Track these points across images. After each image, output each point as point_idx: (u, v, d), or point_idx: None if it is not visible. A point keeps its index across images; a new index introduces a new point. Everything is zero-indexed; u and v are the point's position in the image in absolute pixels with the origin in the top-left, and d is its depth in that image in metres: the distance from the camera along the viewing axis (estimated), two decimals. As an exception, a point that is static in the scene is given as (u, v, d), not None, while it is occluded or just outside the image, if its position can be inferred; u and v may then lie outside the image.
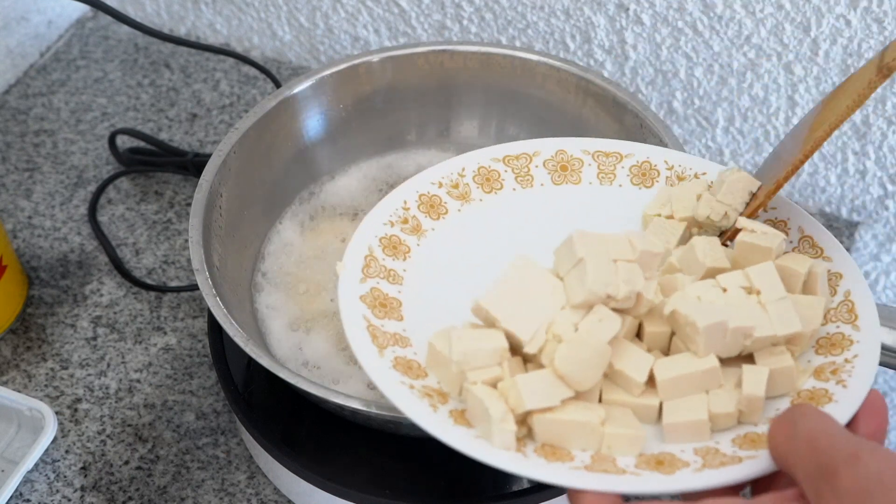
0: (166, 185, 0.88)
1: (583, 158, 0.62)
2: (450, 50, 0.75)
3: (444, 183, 0.60)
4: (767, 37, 0.79)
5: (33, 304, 0.80)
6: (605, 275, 0.48)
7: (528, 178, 0.61)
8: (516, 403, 0.47)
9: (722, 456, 0.46)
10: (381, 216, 0.57)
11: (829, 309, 0.53)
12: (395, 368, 0.50)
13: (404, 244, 0.57)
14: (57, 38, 1.01)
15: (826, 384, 0.49)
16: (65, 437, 0.72)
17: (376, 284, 0.54)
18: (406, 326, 0.53)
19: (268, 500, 0.69)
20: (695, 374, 0.48)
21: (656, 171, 0.61)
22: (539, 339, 0.48)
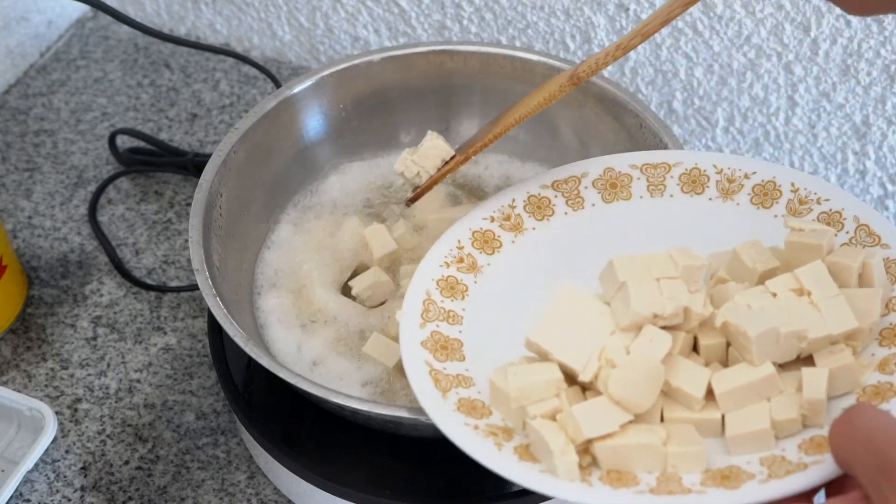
0: (166, 185, 0.88)
1: (631, 173, 0.61)
2: (450, 50, 0.74)
3: (495, 217, 0.60)
4: (767, 37, 0.79)
5: (33, 304, 0.80)
6: (648, 295, 0.49)
7: (579, 200, 0.61)
8: (575, 433, 0.47)
9: (788, 464, 0.46)
10: (436, 258, 0.58)
11: (891, 298, 0.52)
12: (459, 410, 0.50)
13: (462, 283, 0.57)
14: (57, 38, 1.01)
15: (891, 377, 0.48)
16: (65, 437, 0.72)
17: (436, 328, 0.55)
18: (468, 366, 0.54)
19: (268, 500, 0.69)
20: (753, 384, 0.48)
21: (706, 176, 0.61)
22: (592, 366, 0.49)
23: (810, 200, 0.58)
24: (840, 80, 0.79)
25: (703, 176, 0.60)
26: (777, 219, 0.58)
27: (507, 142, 0.77)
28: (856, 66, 0.78)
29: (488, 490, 0.63)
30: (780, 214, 0.58)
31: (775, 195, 0.59)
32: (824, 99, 0.81)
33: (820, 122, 0.83)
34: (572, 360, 0.49)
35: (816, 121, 0.83)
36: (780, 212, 0.58)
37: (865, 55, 0.77)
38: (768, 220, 0.58)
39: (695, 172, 0.61)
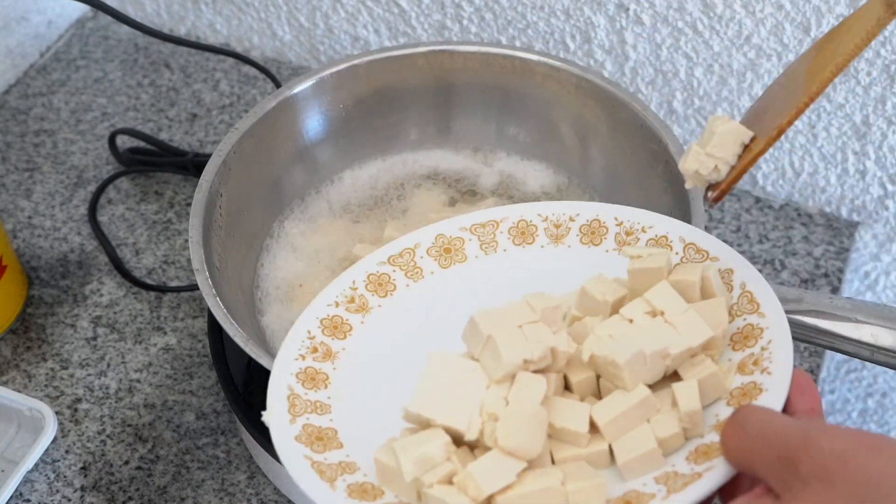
0: (166, 185, 0.88)
1: (462, 236, 0.62)
2: (450, 50, 0.74)
3: (340, 301, 0.60)
4: (767, 37, 0.79)
5: (33, 304, 0.80)
6: (515, 343, 0.50)
7: (417, 271, 0.62)
8: (476, 492, 0.47)
9: (682, 477, 0.47)
10: (291, 351, 0.57)
11: (732, 305, 0.54)
12: (352, 497, 0.50)
13: (321, 372, 0.57)
14: (57, 38, 1.01)
15: (752, 377, 0.50)
16: (65, 437, 0.72)
17: (307, 420, 0.54)
18: (348, 452, 0.53)
19: (268, 500, 0.69)
20: (632, 408, 0.49)
21: (533, 226, 0.62)
22: (476, 423, 0.49)
23: (636, 230, 0.59)
24: (840, 79, 0.79)
25: (531, 226, 0.62)
26: (608, 253, 0.60)
27: (507, 141, 0.77)
28: (856, 66, 0.78)
29: (488, 490, 0.63)
30: (611, 248, 0.60)
31: (602, 231, 0.60)
32: (824, 99, 0.81)
33: (820, 122, 0.83)
34: (455, 421, 0.49)
35: (816, 121, 0.83)
36: (611, 246, 0.60)
37: (865, 55, 0.77)
38: (601, 256, 0.60)
39: (522, 224, 0.62)
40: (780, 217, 0.86)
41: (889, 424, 1.01)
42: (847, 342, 0.58)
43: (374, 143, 0.77)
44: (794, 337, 0.58)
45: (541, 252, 0.61)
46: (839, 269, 0.83)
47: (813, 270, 0.82)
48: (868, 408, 1.00)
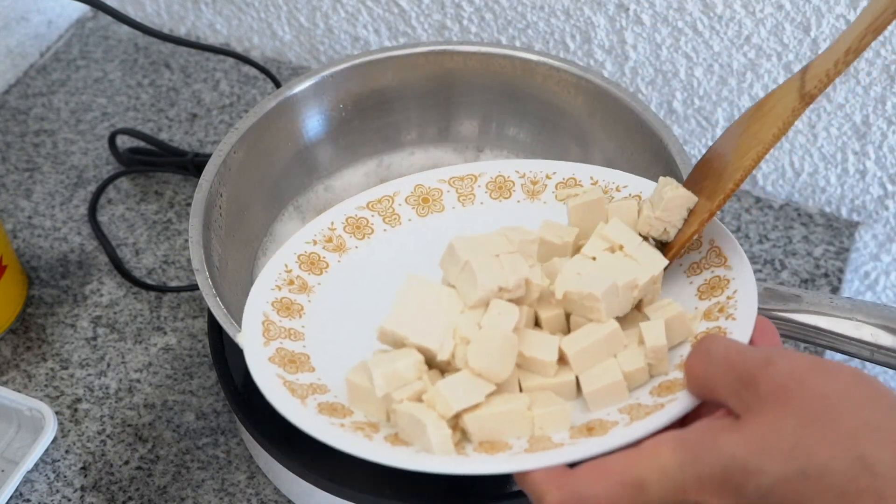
0: (166, 185, 0.88)
1: (440, 187, 0.64)
2: (450, 50, 0.74)
3: (318, 240, 0.62)
4: (767, 37, 0.79)
5: (33, 304, 0.80)
6: (492, 270, 0.51)
7: (395, 217, 0.64)
8: (444, 408, 0.49)
9: (645, 408, 0.49)
10: (267, 282, 0.59)
11: (701, 259, 0.57)
12: (322, 413, 0.52)
13: (296, 303, 0.59)
14: (57, 38, 1.01)
15: (717, 322, 0.53)
16: (65, 437, 0.72)
17: (280, 345, 0.56)
18: (320, 376, 0.55)
19: (268, 500, 0.69)
20: (600, 341, 0.51)
21: (511, 182, 0.64)
22: (448, 345, 0.51)
23: (611, 189, 0.61)
24: (840, 80, 0.79)
25: (509, 182, 0.63)
26: None
27: (506, 141, 0.77)
28: (856, 66, 0.78)
29: (488, 490, 0.63)
30: None
31: (578, 190, 0.62)
32: (824, 99, 0.81)
33: (820, 122, 0.83)
34: (428, 341, 0.51)
35: (816, 121, 0.83)
36: None
37: (865, 55, 0.77)
38: None
39: (500, 179, 0.64)
40: (780, 217, 0.86)
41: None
42: (847, 342, 0.58)
43: (373, 143, 0.77)
44: (794, 337, 0.59)
45: (517, 207, 0.63)
46: (839, 269, 0.83)
47: (813, 270, 0.82)
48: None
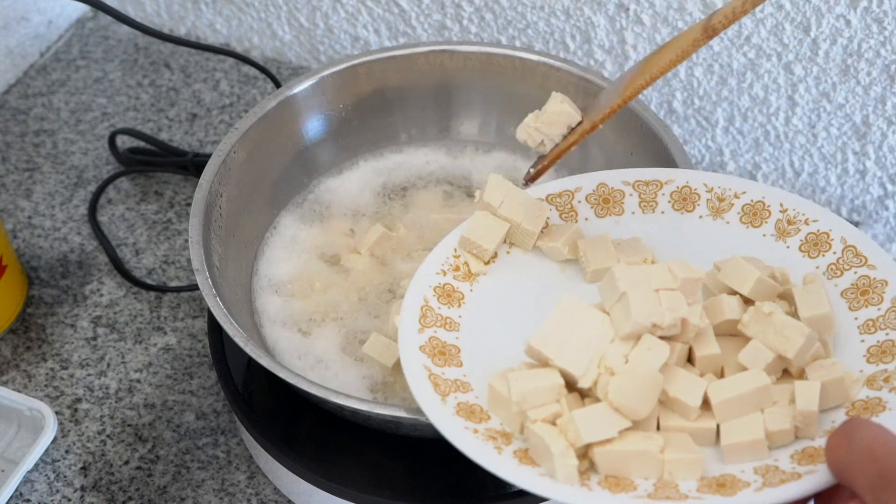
0: (166, 185, 0.88)
1: (623, 189, 0.62)
2: (450, 50, 0.74)
3: None
4: (767, 37, 0.79)
5: (33, 304, 0.80)
6: (648, 305, 0.50)
7: (572, 214, 0.62)
8: (575, 438, 0.48)
9: (781, 473, 0.47)
10: (433, 265, 0.59)
11: (878, 317, 0.54)
12: (458, 414, 0.51)
13: (458, 291, 0.58)
14: (57, 38, 1.01)
15: (879, 392, 0.50)
16: (65, 437, 0.72)
17: (434, 333, 0.56)
18: (466, 372, 0.55)
19: (268, 500, 0.69)
20: (749, 393, 0.49)
21: (696, 194, 0.62)
22: (592, 373, 0.50)
23: (798, 221, 0.59)
24: (840, 80, 0.79)
25: (694, 194, 0.62)
26: (766, 238, 0.60)
27: (506, 140, 0.77)
28: (856, 66, 0.78)
29: (488, 490, 0.63)
30: (770, 234, 0.60)
31: (764, 215, 0.60)
32: (824, 99, 0.81)
33: (820, 122, 0.83)
34: (572, 366, 0.50)
35: (816, 121, 0.83)
36: (770, 231, 0.60)
37: (865, 55, 0.77)
38: (758, 240, 0.60)
39: (686, 190, 0.62)
40: (780, 217, 0.86)
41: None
42: None
43: (373, 143, 0.77)
44: None
45: (698, 222, 0.61)
46: (839, 269, 0.83)
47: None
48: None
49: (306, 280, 0.70)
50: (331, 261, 0.71)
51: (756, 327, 0.52)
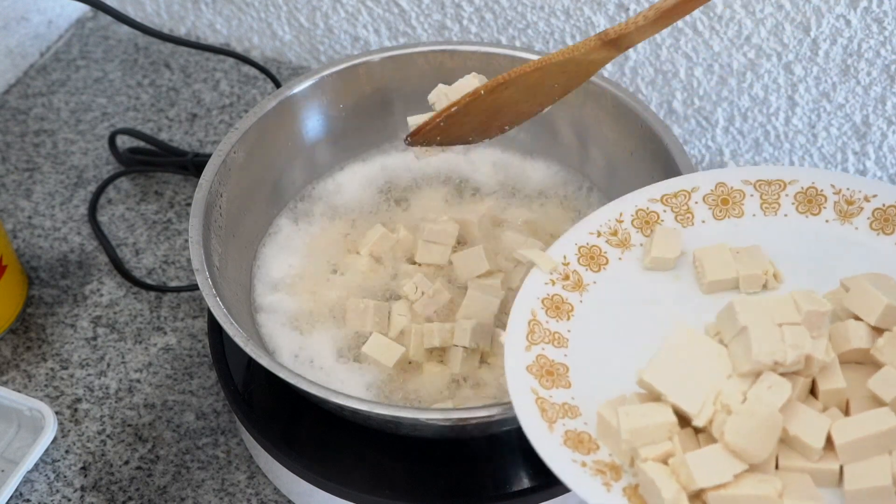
0: (166, 185, 0.88)
1: (744, 189, 0.59)
2: (450, 50, 0.74)
3: (602, 231, 0.57)
4: (767, 37, 0.79)
5: (33, 304, 0.80)
6: (770, 342, 0.47)
7: (689, 216, 0.58)
8: (688, 481, 0.46)
9: None
10: (542, 274, 0.55)
11: None
12: (566, 445, 0.49)
13: (567, 303, 0.55)
14: (57, 38, 1.01)
15: None
16: (65, 437, 0.72)
17: (542, 351, 0.53)
18: (574, 394, 0.52)
19: (268, 500, 0.69)
20: (876, 435, 0.47)
21: (823, 196, 0.58)
22: (707, 411, 0.47)
23: None
24: (840, 80, 0.79)
25: (821, 196, 0.57)
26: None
27: (505, 140, 0.77)
28: (856, 66, 0.78)
29: (488, 490, 0.63)
30: None
31: None
32: (824, 99, 0.81)
33: (820, 122, 0.83)
34: (686, 403, 0.48)
35: (816, 121, 0.83)
36: None
37: (865, 55, 0.77)
38: (890, 249, 0.56)
39: (811, 191, 0.58)
40: (780, 217, 0.86)
41: None
42: None
43: (373, 143, 0.77)
44: None
45: (824, 227, 0.57)
46: (839, 269, 0.83)
47: (813, 270, 0.82)
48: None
49: (306, 280, 0.70)
50: (331, 261, 0.71)
51: (892, 353, 0.48)
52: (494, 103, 0.59)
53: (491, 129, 0.62)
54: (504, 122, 0.61)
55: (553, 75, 0.57)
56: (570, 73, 0.57)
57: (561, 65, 0.55)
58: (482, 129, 0.61)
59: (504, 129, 0.62)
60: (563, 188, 0.75)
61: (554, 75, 0.57)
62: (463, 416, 0.58)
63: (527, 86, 0.58)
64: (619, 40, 0.54)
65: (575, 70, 0.57)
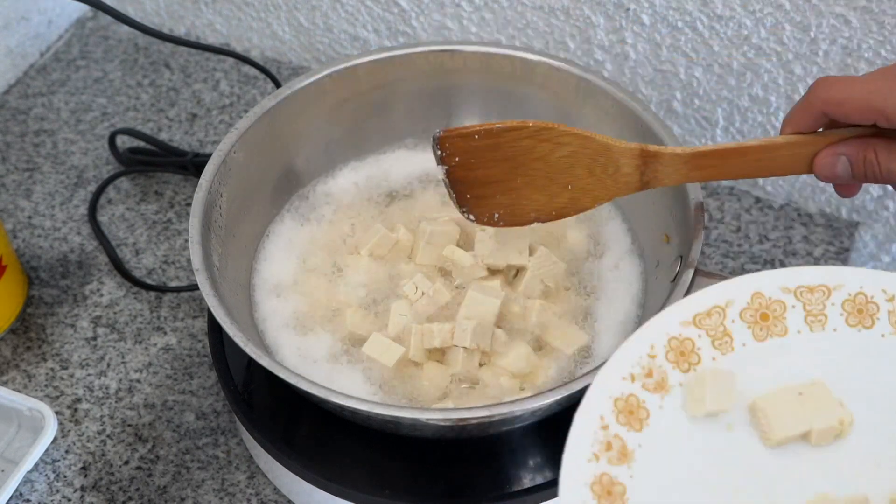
0: (166, 185, 0.88)
1: (784, 300, 0.51)
2: (450, 50, 0.74)
3: (635, 374, 0.49)
4: (767, 37, 0.79)
5: (33, 304, 0.80)
6: None
7: (727, 340, 0.50)
8: None
9: None
10: (581, 448, 0.46)
11: None
12: None
13: (618, 483, 0.46)
14: (57, 38, 1.01)
15: None
16: (65, 437, 0.72)
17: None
18: None
19: (268, 500, 0.69)
20: None
21: (874, 304, 0.50)
22: None
23: None
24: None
25: (871, 304, 0.50)
26: None
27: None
28: (856, 66, 0.78)
29: (488, 490, 0.63)
30: None
31: None
32: (824, 99, 0.81)
33: (820, 121, 0.83)
34: None
35: (816, 121, 0.83)
36: None
37: (865, 55, 0.77)
38: None
39: (860, 299, 0.50)
40: (780, 217, 0.86)
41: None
42: None
43: (373, 143, 0.77)
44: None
45: (878, 343, 0.50)
46: (839, 268, 0.83)
47: (813, 270, 0.82)
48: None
49: (306, 280, 0.70)
50: (331, 261, 0.71)
51: None
52: (512, 150, 0.58)
53: (517, 204, 0.61)
54: (525, 202, 0.60)
55: (580, 152, 0.58)
56: (597, 164, 0.58)
57: (591, 142, 0.56)
58: (506, 194, 0.60)
59: (530, 217, 0.61)
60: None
61: (580, 153, 0.58)
62: (463, 416, 0.58)
63: (547, 145, 0.58)
64: (656, 155, 0.56)
65: (602, 166, 0.58)
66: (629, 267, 0.70)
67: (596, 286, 0.69)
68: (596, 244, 0.71)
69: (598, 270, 0.70)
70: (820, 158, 0.55)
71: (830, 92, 0.53)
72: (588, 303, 0.68)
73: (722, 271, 0.81)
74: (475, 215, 0.61)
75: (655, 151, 0.57)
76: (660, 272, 0.67)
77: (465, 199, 0.61)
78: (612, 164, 0.58)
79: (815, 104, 0.53)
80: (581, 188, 0.59)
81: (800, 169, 0.56)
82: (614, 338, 0.66)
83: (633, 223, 0.72)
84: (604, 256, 0.71)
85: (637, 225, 0.72)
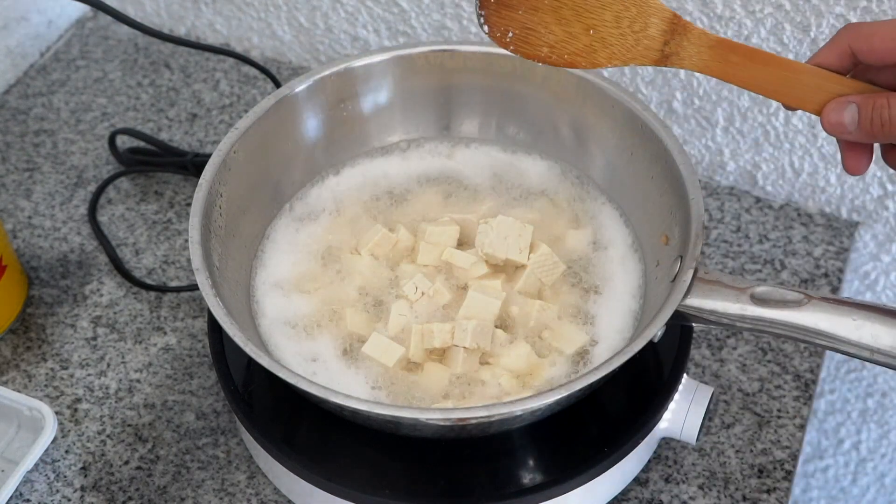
0: (166, 185, 0.88)
1: None
2: (450, 50, 0.74)
3: None
4: (767, 37, 0.79)
5: (33, 304, 0.80)
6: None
7: None
8: None
9: None
10: None
11: None
12: None
13: None
14: (57, 38, 1.01)
15: None
16: (65, 437, 0.72)
17: None
18: None
19: (268, 500, 0.69)
20: None
21: None
22: None
23: None
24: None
25: None
26: None
27: (506, 140, 0.77)
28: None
29: (488, 490, 0.63)
30: None
31: None
32: (824, 99, 0.81)
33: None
34: None
35: (816, 121, 0.83)
36: None
37: (865, 55, 0.77)
38: None
39: None
40: (780, 217, 0.86)
41: (889, 424, 1.01)
42: (846, 343, 0.57)
43: (373, 143, 0.77)
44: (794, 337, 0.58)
45: None
46: (839, 269, 0.83)
47: (813, 270, 0.82)
48: (868, 408, 1.00)
49: (306, 280, 0.70)
50: (331, 261, 0.71)
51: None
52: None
53: (535, 30, 0.60)
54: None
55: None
56: (627, 14, 0.57)
57: None
58: (529, 12, 0.59)
59: (542, 52, 0.60)
60: (563, 188, 0.75)
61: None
62: (463, 416, 0.58)
63: None
64: (686, 28, 0.56)
65: (631, 19, 0.58)
66: (629, 267, 0.70)
67: (596, 286, 0.69)
68: (596, 244, 0.71)
69: (598, 270, 0.70)
70: (830, 103, 0.56)
71: (860, 27, 0.55)
72: (588, 303, 0.68)
73: (722, 271, 0.81)
74: (490, 25, 0.60)
75: (686, 24, 0.57)
76: (660, 272, 0.67)
77: (489, 1, 0.59)
78: (642, 19, 0.58)
79: (843, 39, 0.55)
80: (602, 38, 0.58)
81: (812, 104, 0.57)
82: (614, 338, 0.66)
83: (634, 223, 0.72)
84: (604, 256, 0.71)
85: (637, 225, 0.72)
